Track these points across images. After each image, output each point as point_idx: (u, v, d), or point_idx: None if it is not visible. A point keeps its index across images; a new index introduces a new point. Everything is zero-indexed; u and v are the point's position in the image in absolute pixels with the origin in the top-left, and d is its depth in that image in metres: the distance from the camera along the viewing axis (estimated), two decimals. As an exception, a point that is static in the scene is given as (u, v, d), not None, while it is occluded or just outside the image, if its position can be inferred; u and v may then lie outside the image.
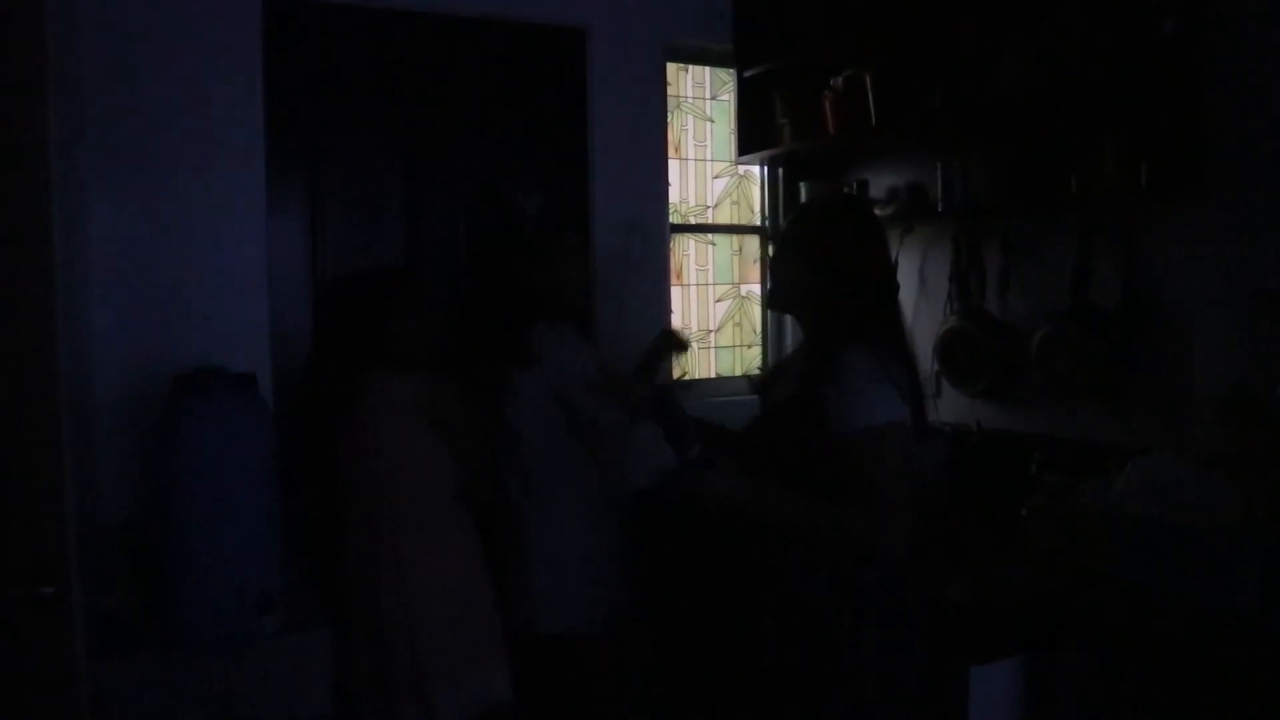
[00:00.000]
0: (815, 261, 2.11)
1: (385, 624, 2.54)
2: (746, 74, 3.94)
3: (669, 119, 3.97)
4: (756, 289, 4.27)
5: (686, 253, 4.14)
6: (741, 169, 4.21)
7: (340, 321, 2.64)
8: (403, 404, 2.59)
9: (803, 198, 3.85)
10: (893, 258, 2.24)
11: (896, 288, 2.23)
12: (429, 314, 2.73)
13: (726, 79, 4.15)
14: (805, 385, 2.06)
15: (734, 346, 4.25)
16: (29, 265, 1.81)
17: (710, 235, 4.18)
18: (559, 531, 2.86)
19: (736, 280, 4.25)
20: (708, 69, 4.16)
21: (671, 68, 4.00)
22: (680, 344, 3.09)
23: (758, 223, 4.26)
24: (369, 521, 2.59)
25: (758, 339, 4.27)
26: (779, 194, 4.15)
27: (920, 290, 3.56)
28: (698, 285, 4.15)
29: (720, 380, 4.14)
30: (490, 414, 2.87)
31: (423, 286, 2.89)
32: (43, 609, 1.78)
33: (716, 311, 4.21)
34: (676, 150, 4.08)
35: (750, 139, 3.97)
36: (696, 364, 4.13)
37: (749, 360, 4.25)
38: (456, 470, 2.65)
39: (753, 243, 4.27)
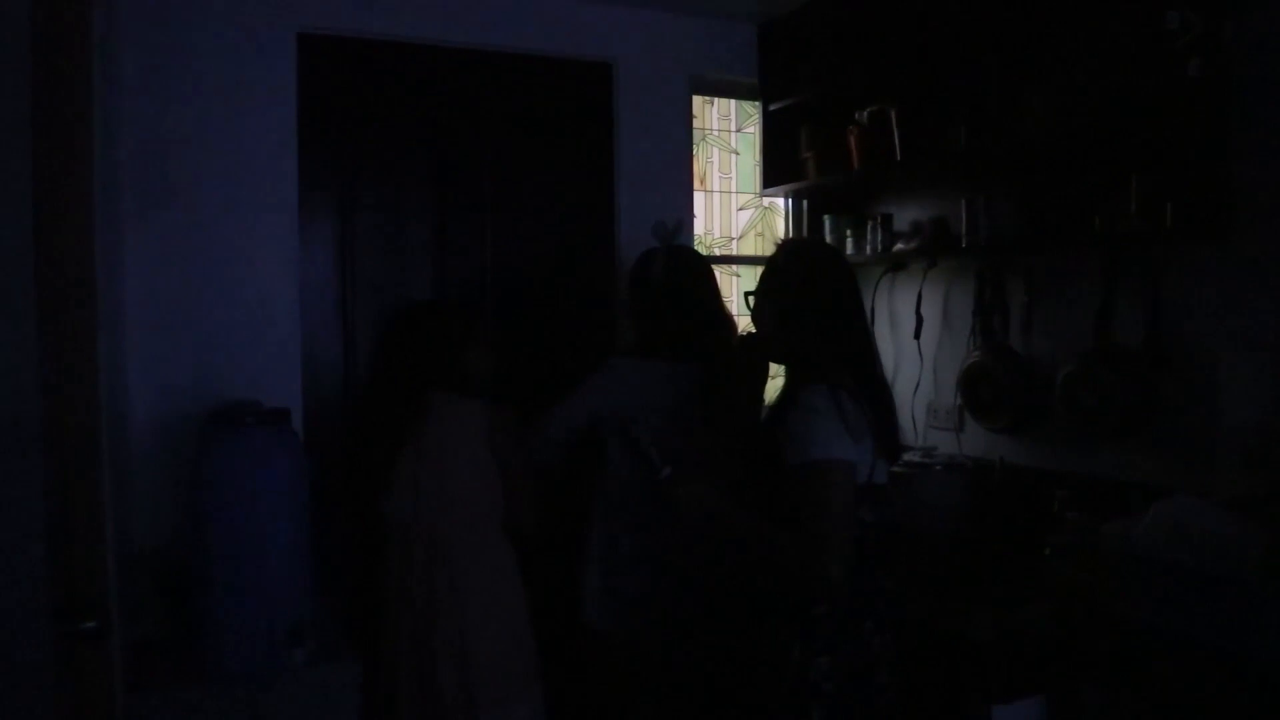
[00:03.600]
0: (781, 307, 2.28)
1: (438, 649, 2.60)
2: (772, 107, 3.97)
3: (694, 151, 4.01)
4: (780, 319, 4.29)
5: (711, 284, 4.16)
6: (766, 201, 4.24)
7: (415, 346, 2.73)
8: (472, 429, 2.70)
9: (827, 229, 3.88)
10: (860, 296, 2.36)
11: (864, 326, 2.35)
12: (499, 344, 2.84)
13: (752, 112, 4.19)
14: (768, 422, 2.26)
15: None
16: (71, 300, 1.86)
17: (735, 267, 4.21)
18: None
19: (760, 311, 4.27)
20: (733, 102, 4.20)
21: (697, 100, 4.04)
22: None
23: (782, 254, 4.28)
24: (424, 546, 2.65)
25: (781, 369, 4.28)
26: (804, 226, 4.18)
27: (944, 325, 3.57)
28: (722, 316, 4.18)
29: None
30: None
31: (491, 318, 2.98)
32: (84, 642, 1.83)
33: (740, 342, 4.23)
34: (702, 182, 4.12)
35: (775, 172, 4.00)
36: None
37: (773, 390, 4.26)
38: (506, 498, 2.73)
39: (776, 274, 4.29)
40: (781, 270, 2.33)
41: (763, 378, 2.59)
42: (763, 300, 2.33)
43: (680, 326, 2.91)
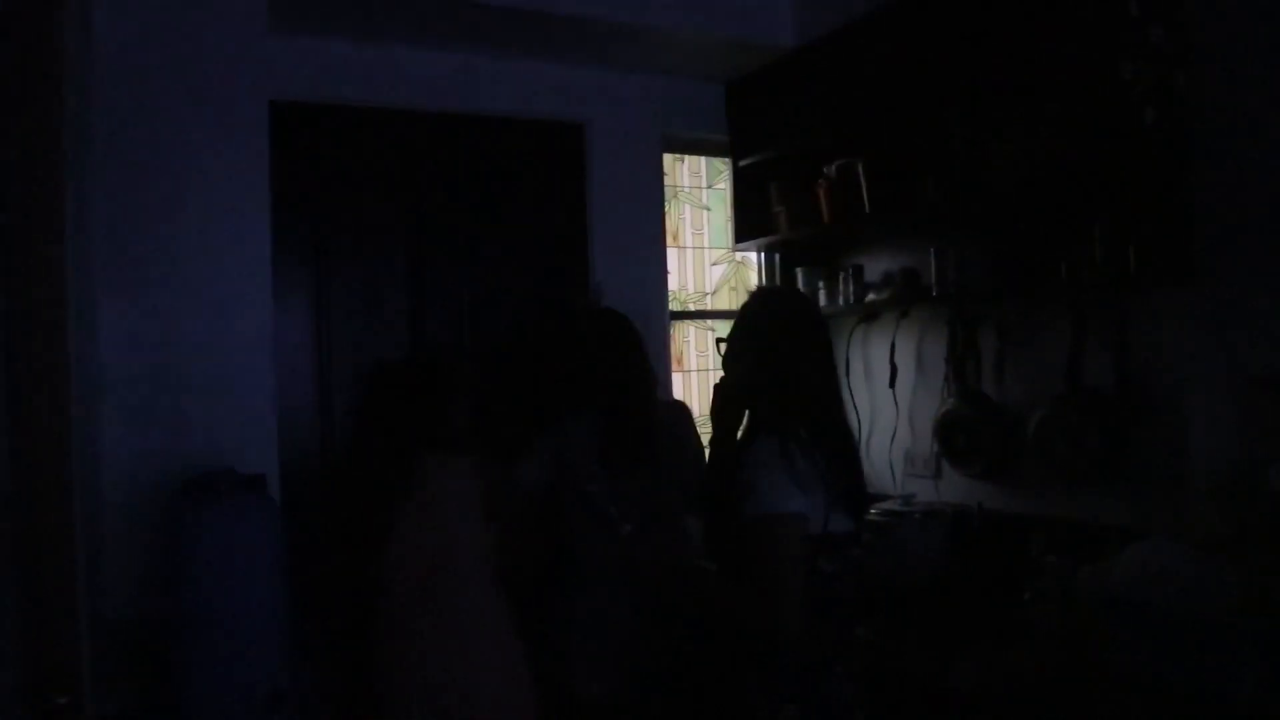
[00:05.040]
0: (744, 357, 2.28)
1: (446, 709, 2.54)
2: (741, 164, 4.03)
3: (667, 208, 4.06)
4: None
5: (687, 339, 4.20)
6: (739, 255, 4.29)
7: (397, 406, 2.70)
8: (464, 488, 2.67)
9: (799, 282, 3.92)
10: (830, 345, 2.33)
11: (832, 375, 2.32)
12: (482, 401, 2.82)
13: (722, 168, 4.25)
14: (727, 474, 2.22)
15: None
16: (46, 370, 1.86)
17: (710, 321, 4.24)
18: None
19: (737, 364, 4.31)
20: (704, 159, 4.27)
21: (668, 158, 4.10)
22: None
23: (756, 307, 4.32)
24: (420, 608, 2.60)
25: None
26: (776, 279, 4.21)
27: (918, 373, 3.60)
28: (698, 371, 4.20)
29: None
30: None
31: (475, 375, 2.98)
32: (57, 719, 1.80)
33: (718, 395, 4.25)
34: (675, 238, 4.17)
35: (747, 226, 4.05)
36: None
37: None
38: (498, 553, 2.70)
39: (752, 327, 4.33)
40: (751, 318, 2.34)
41: (732, 427, 2.57)
42: (732, 348, 2.33)
43: (601, 385, 2.96)
